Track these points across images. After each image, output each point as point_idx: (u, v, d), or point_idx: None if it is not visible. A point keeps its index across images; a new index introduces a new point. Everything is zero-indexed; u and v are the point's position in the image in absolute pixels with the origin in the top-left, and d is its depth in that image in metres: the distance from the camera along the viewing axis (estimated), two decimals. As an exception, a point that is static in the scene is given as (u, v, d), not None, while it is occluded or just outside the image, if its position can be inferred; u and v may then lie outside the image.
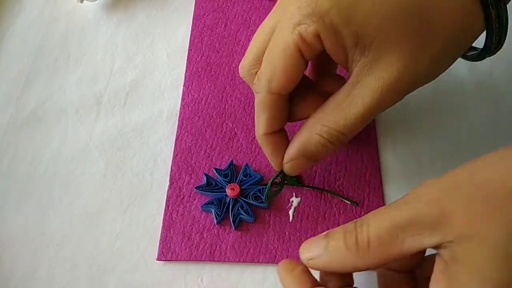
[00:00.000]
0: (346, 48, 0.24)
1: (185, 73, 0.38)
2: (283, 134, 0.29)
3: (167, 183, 0.33)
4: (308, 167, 0.30)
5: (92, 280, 0.30)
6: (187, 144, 0.35)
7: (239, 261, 0.30)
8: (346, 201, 0.32)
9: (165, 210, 0.32)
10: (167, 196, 0.33)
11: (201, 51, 0.39)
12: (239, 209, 0.31)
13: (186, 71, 0.38)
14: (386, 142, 0.35)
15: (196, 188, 0.32)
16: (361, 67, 0.24)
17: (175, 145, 0.35)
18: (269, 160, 0.29)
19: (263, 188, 0.32)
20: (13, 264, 0.31)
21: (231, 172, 0.33)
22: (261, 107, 0.27)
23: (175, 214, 0.32)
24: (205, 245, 0.31)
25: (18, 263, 0.31)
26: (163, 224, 0.32)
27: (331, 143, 0.26)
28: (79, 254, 0.31)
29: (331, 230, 0.24)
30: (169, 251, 0.31)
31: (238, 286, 0.30)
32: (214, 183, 0.32)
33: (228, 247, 0.31)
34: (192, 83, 0.38)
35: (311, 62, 0.31)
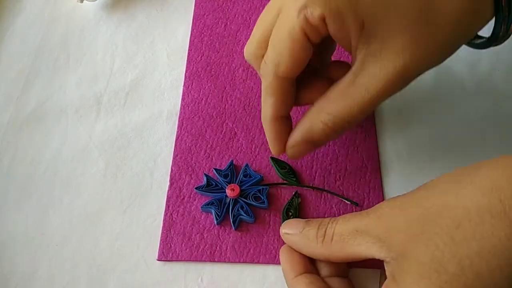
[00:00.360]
0: (351, 34, 0.24)
1: (185, 73, 0.38)
2: (289, 121, 0.29)
3: (167, 183, 0.33)
4: (309, 153, 0.30)
5: (92, 280, 0.30)
6: (187, 144, 0.35)
7: (239, 261, 0.30)
8: (346, 201, 0.32)
9: (165, 210, 0.32)
10: (167, 196, 0.33)
11: (201, 51, 0.39)
12: (239, 209, 0.31)
13: (186, 71, 0.38)
14: (386, 142, 0.35)
15: (196, 188, 0.32)
16: (365, 55, 0.24)
17: (175, 145, 0.35)
18: (270, 145, 0.29)
19: (263, 189, 0.32)
20: (13, 264, 0.31)
21: (231, 173, 0.33)
22: (268, 91, 0.27)
23: (176, 214, 0.32)
24: (205, 245, 0.31)
25: (18, 263, 0.31)
26: (163, 224, 0.32)
27: (335, 131, 0.26)
28: (79, 254, 0.31)
29: (312, 218, 0.28)
30: (169, 251, 0.31)
31: (238, 286, 0.30)
32: (214, 183, 0.32)
33: (228, 247, 0.31)
34: (192, 83, 0.38)
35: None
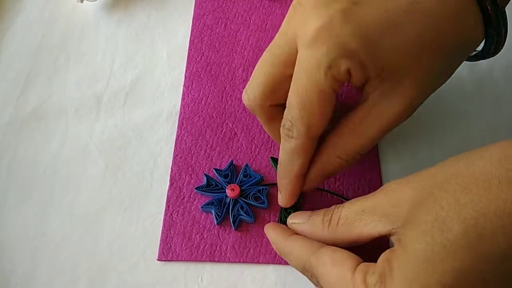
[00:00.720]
0: (369, 78, 0.25)
1: (185, 73, 0.38)
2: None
3: (167, 183, 0.33)
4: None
5: (92, 280, 0.30)
6: (187, 144, 0.35)
7: (239, 261, 0.30)
8: (346, 201, 0.32)
9: (165, 210, 0.32)
10: (167, 196, 0.33)
11: (201, 51, 0.39)
12: (239, 209, 0.31)
13: (186, 71, 0.38)
14: (386, 142, 0.35)
15: (196, 188, 0.32)
16: (378, 94, 0.26)
17: (175, 145, 0.35)
18: (283, 198, 0.30)
19: (263, 189, 0.32)
20: (13, 264, 0.31)
21: (231, 173, 0.33)
22: (297, 152, 0.27)
23: (176, 214, 0.32)
24: (206, 245, 0.31)
25: (18, 263, 0.31)
26: (163, 224, 0.32)
27: (348, 162, 0.28)
28: (79, 254, 0.31)
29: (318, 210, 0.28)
30: (169, 252, 0.31)
31: (238, 286, 0.30)
32: (214, 183, 0.32)
33: (228, 247, 0.31)
34: (192, 83, 0.38)
35: None
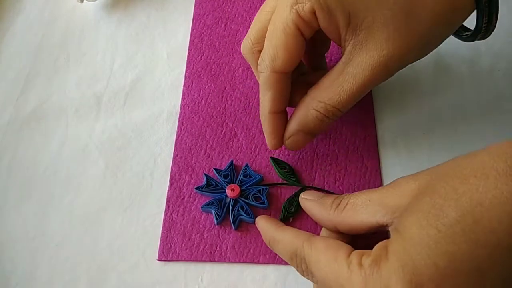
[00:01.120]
0: (339, 27, 0.26)
1: (185, 73, 0.38)
2: (285, 116, 0.31)
3: (167, 183, 0.33)
4: (307, 142, 0.31)
5: (92, 280, 0.30)
6: (187, 144, 0.35)
7: (239, 261, 0.30)
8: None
9: (165, 210, 0.32)
10: (167, 196, 0.33)
11: (201, 51, 0.39)
12: (239, 209, 0.31)
13: (186, 71, 0.38)
14: (386, 142, 0.35)
15: (196, 188, 0.32)
16: (353, 46, 0.26)
17: (175, 145, 0.35)
18: (267, 140, 0.31)
19: (263, 189, 0.32)
20: (13, 264, 0.31)
21: (231, 173, 0.33)
22: (266, 86, 0.29)
23: (176, 214, 0.32)
24: (206, 245, 0.31)
25: (18, 263, 0.31)
26: (163, 224, 0.32)
27: (327, 117, 0.28)
28: (79, 254, 0.31)
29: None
30: (169, 252, 0.31)
31: (238, 286, 0.30)
32: (214, 183, 0.32)
33: (228, 247, 0.31)
34: (192, 83, 0.38)
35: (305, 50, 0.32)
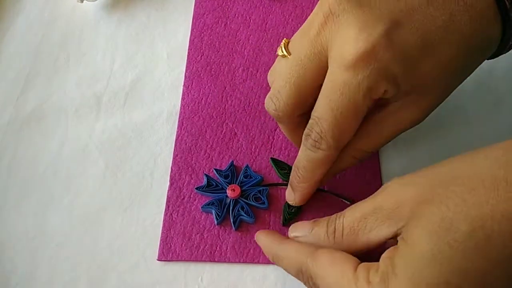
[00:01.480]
0: (398, 93, 0.26)
1: (185, 73, 0.38)
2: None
3: (167, 183, 0.33)
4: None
5: (92, 280, 0.30)
6: (187, 144, 0.35)
7: (239, 261, 0.30)
8: (346, 201, 0.32)
9: (165, 210, 0.32)
10: (167, 196, 0.33)
11: (201, 51, 0.39)
12: (240, 210, 0.31)
13: (186, 71, 0.38)
14: (386, 142, 0.35)
15: (196, 188, 0.32)
16: (400, 104, 0.27)
17: (175, 145, 0.35)
18: (292, 198, 0.31)
19: (263, 189, 0.32)
20: (13, 264, 0.31)
21: (231, 173, 0.33)
22: (323, 163, 0.28)
23: (176, 214, 0.32)
24: (206, 245, 0.31)
25: (18, 263, 0.31)
26: (163, 224, 0.32)
27: (359, 160, 0.29)
28: (79, 254, 0.31)
29: (319, 218, 0.26)
30: (169, 252, 0.31)
31: (238, 286, 0.30)
32: (214, 184, 0.32)
33: (228, 247, 0.31)
34: (192, 83, 0.38)
35: None
